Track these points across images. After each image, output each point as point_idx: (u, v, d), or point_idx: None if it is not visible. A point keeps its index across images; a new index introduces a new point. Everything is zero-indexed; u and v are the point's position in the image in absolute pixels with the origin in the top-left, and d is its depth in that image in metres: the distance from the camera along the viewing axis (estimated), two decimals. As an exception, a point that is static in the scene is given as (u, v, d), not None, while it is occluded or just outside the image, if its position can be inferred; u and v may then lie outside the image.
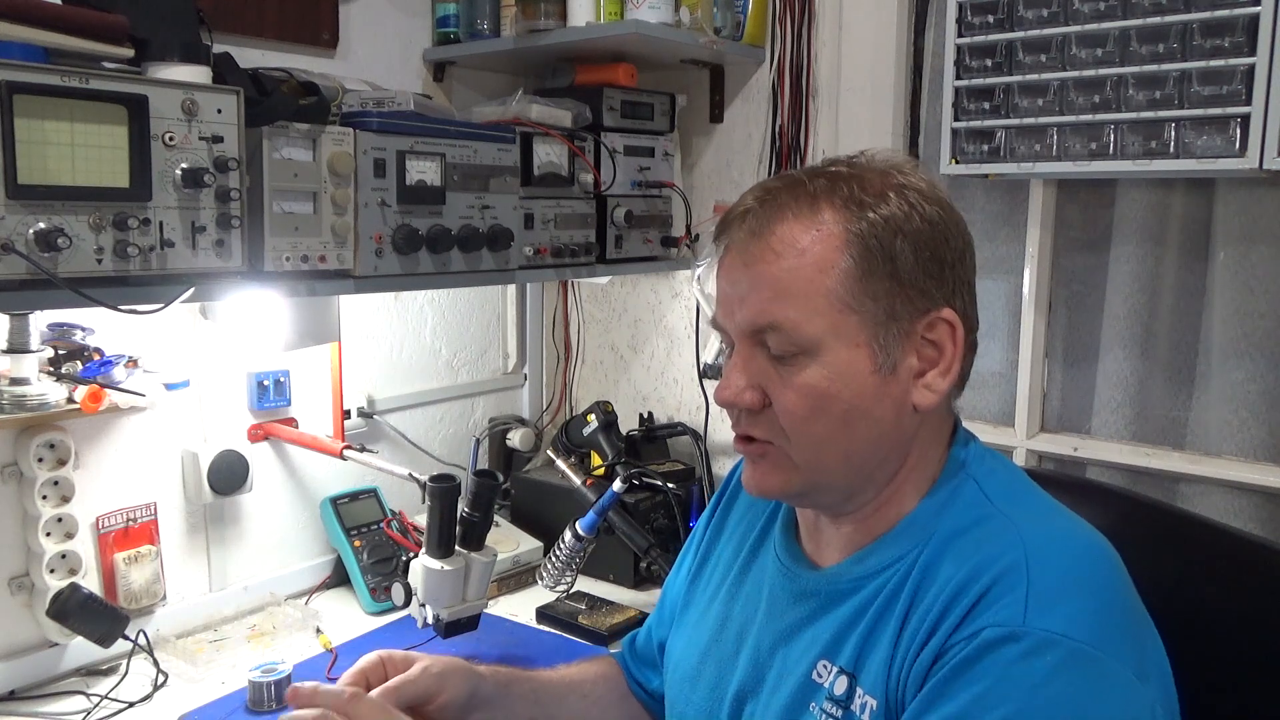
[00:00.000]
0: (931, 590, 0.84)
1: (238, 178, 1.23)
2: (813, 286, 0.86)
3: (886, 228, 0.86)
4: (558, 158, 1.74)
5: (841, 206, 0.87)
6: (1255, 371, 1.61)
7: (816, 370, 0.87)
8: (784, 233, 0.87)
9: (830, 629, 0.91)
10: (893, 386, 0.88)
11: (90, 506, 1.54)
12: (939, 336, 0.88)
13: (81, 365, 1.46)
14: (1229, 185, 1.61)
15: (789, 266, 0.87)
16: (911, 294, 0.87)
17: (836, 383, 0.86)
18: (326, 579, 1.89)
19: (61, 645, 1.51)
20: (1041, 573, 0.80)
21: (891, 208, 0.87)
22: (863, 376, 0.87)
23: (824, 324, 0.86)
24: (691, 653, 1.07)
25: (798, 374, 0.87)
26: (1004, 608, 0.78)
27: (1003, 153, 1.71)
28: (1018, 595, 0.78)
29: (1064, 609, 0.78)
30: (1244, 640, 0.99)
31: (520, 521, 2.02)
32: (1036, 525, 0.85)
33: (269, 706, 1.43)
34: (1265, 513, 1.62)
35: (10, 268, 1.06)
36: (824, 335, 0.86)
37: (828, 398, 0.87)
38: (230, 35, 1.58)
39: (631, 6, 1.77)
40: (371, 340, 1.97)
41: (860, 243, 0.86)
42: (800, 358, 0.87)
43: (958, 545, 0.85)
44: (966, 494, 0.90)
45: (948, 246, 0.89)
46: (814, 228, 0.87)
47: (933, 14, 1.88)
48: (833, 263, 0.86)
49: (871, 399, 0.87)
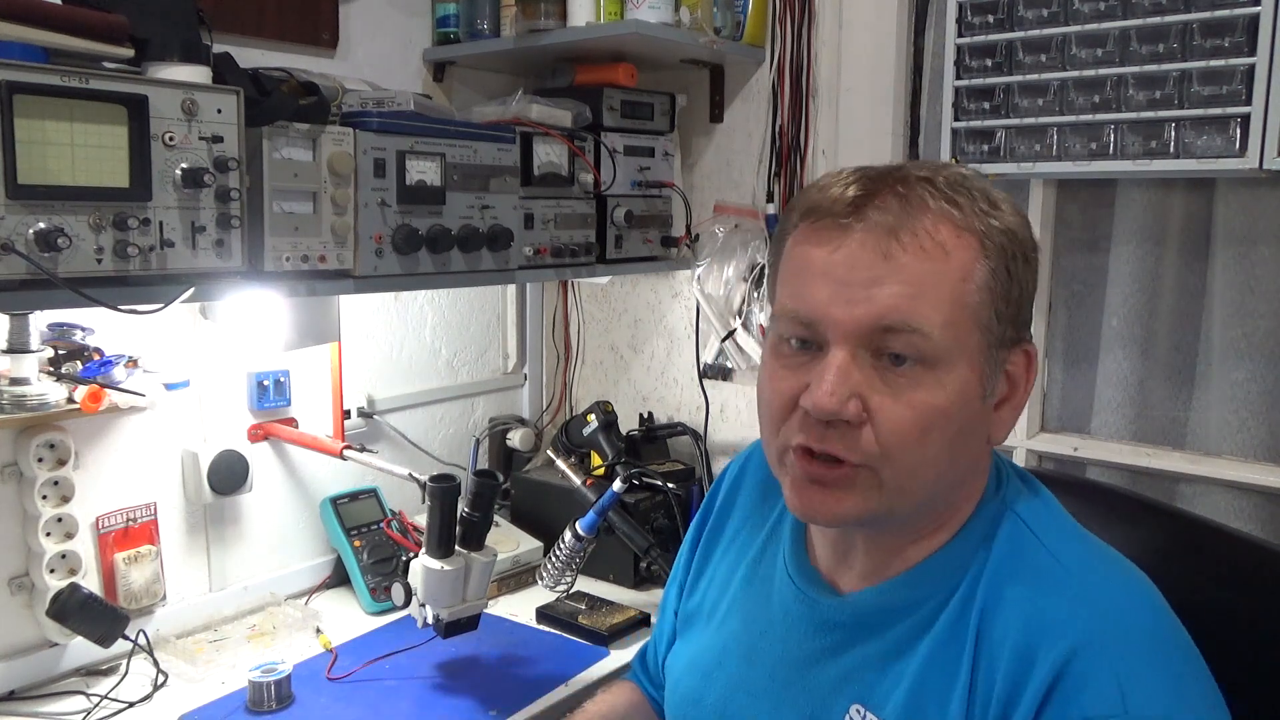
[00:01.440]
0: (994, 643, 0.79)
1: (238, 178, 1.23)
2: (954, 293, 0.78)
3: (1013, 243, 0.80)
4: (558, 158, 1.74)
5: (973, 211, 0.79)
6: (1255, 371, 1.61)
7: (938, 386, 0.78)
8: (931, 227, 0.78)
9: (862, 668, 0.86)
10: (986, 416, 0.83)
11: (90, 506, 1.54)
12: (1017, 369, 0.83)
13: (81, 365, 1.46)
14: (1229, 185, 1.61)
15: (936, 268, 0.78)
16: (1019, 319, 0.82)
17: (955, 403, 0.79)
18: (326, 579, 1.89)
19: (61, 645, 1.51)
20: (1124, 646, 0.75)
21: (1010, 220, 0.81)
22: (973, 401, 0.80)
23: (954, 335, 0.78)
24: (693, 674, 1.01)
25: (913, 388, 0.78)
26: (1098, 695, 0.73)
27: (1003, 153, 1.71)
28: (1107, 678, 0.73)
29: (1155, 686, 0.74)
30: (1245, 642, 0.98)
31: (520, 521, 2.02)
32: (1094, 577, 0.81)
33: (269, 706, 1.43)
34: (1265, 513, 1.62)
35: (10, 268, 1.06)
36: (951, 347, 0.78)
37: (945, 417, 0.79)
38: (230, 35, 1.58)
39: (631, 6, 1.77)
40: (371, 340, 1.97)
41: (998, 254, 0.79)
42: (920, 370, 0.78)
43: (1016, 594, 0.80)
44: (1009, 529, 0.84)
45: (1033, 270, 0.84)
46: (956, 228, 0.79)
47: (933, 14, 1.88)
48: (972, 271, 0.79)
49: (974, 425, 0.81)
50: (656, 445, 2.14)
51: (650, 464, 2.02)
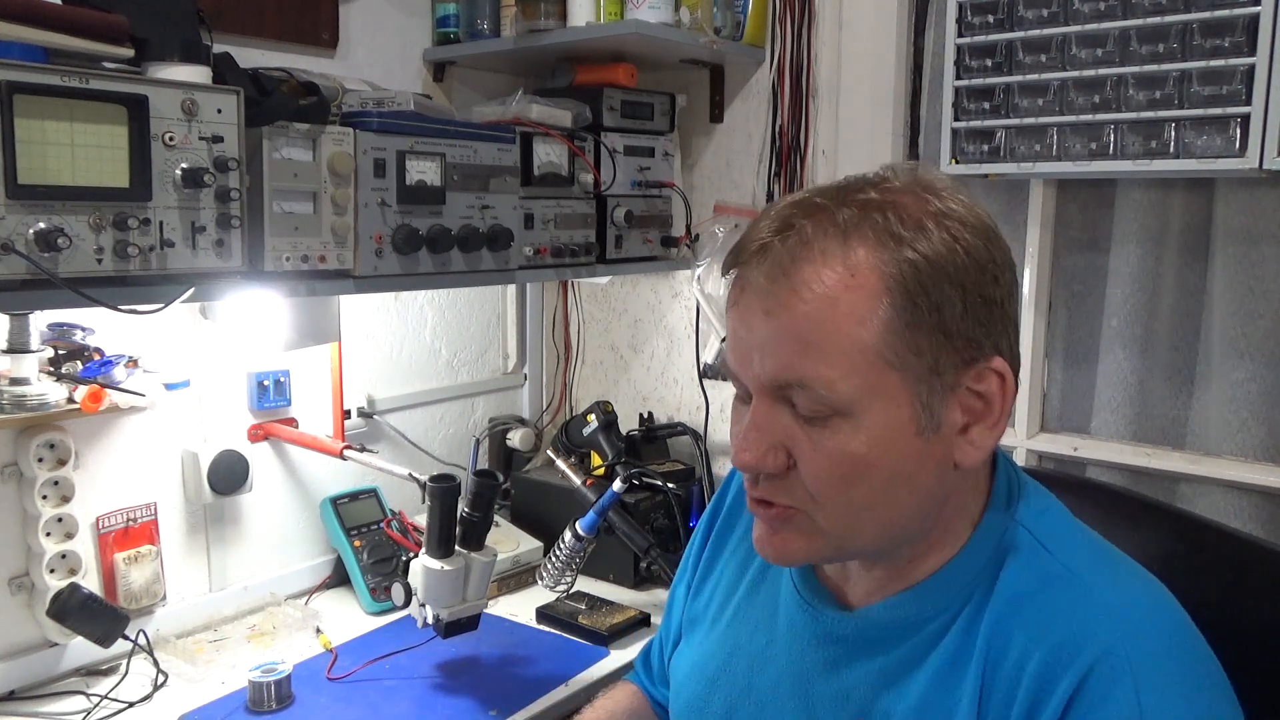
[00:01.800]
0: (1008, 662, 0.77)
1: (238, 178, 1.23)
2: (848, 341, 0.74)
3: (930, 270, 0.75)
4: (558, 158, 1.74)
5: (876, 243, 0.75)
6: (1255, 371, 1.61)
7: (852, 434, 0.76)
8: (811, 276, 0.75)
9: (864, 683, 0.85)
10: (936, 447, 0.78)
11: (90, 506, 1.54)
12: (987, 388, 0.78)
13: (81, 365, 1.46)
14: (1229, 185, 1.61)
15: (819, 318, 0.75)
16: (958, 344, 0.76)
17: (875, 448, 0.76)
18: (326, 579, 1.89)
19: (61, 645, 1.51)
20: (1143, 658, 0.74)
21: (934, 243, 0.75)
22: (905, 440, 0.77)
23: (860, 383, 0.75)
24: (697, 680, 1.00)
25: (830, 437, 0.76)
26: (1116, 707, 0.72)
27: (1003, 153, 1.71)
28: (1126, 689, 0.72)
29: (1174, 698, 0.73)
30: (1246, 642, 0.98)
31: (520, 521, 2.02)
32: (1113, 590, 0.78)
33: (269, 706, 1.43)
34: (1265, 513, 1.62)
35: (10, 268, 1.06)
36: (860, 395, 0.75)
37: (866, 464, 0.76)
38: (230, 35, 1.58)
39: (631, 6, 1.77)
40: (371, 340, 1.97)
41: (901, 288, 0.74)
42: (833, 419, 0.76)
43: (1029, 610, 0.78)
44: (1021, 543, 0.82)
45: (997, 285, 0.78)
46: (846, 271, 0.74)
47: (933, 14, 1.88)
48: (870, 313, 0.74)
49: (914, 463, 0.77)
50: (656, 445, 2.14)
51: (650, 464, 2.02)
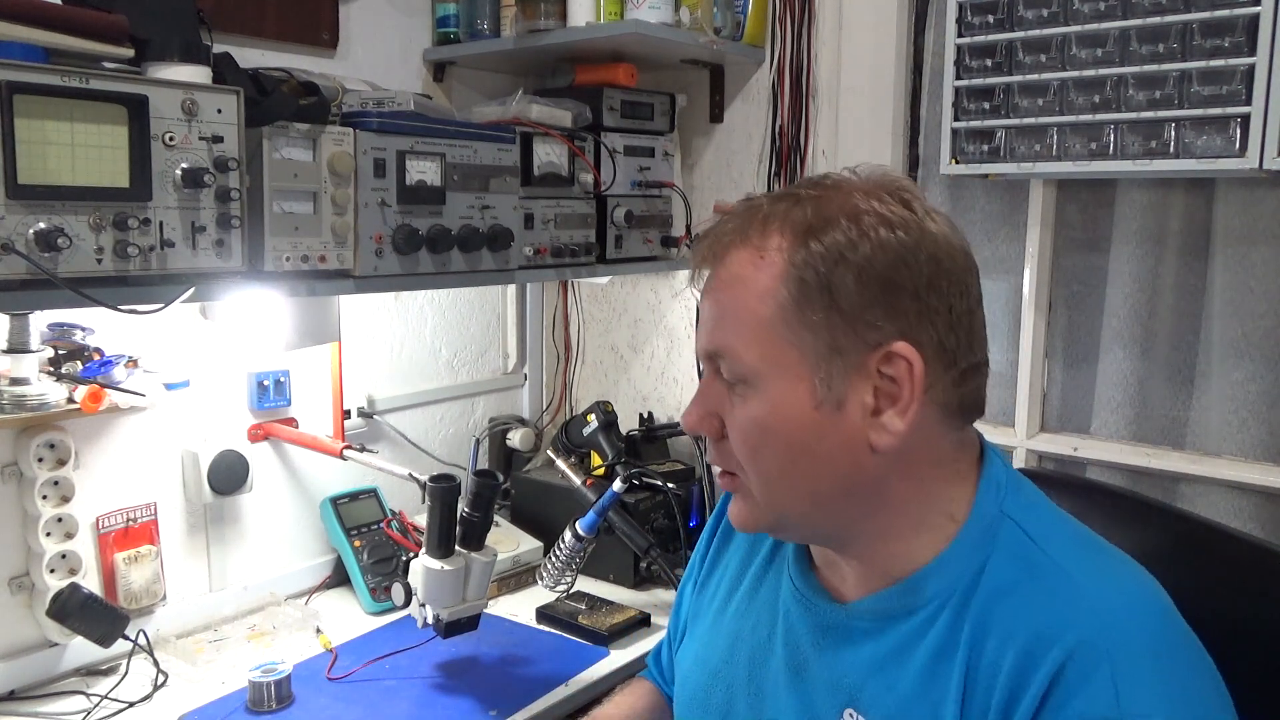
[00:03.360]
0: (988, 652, 0.79)
1: (238, 178, 1.23)
2: (752, 315, 0.83)
3: (827, 257, 0.81)
4: (558, 158, 1.74)
5: (790, 234, 0.83)
6: (1255, 371, 1.61)
7: (756, 402, 0.84)
8: (732, 260, 0.86)
9: (854, 672, 0.87)
10: (840, 424, 0.83)
11: (90, 506, 1.54)
12: (897, 372, 0.82)
13: (81, 365, 1.46)
14: (1229, 185, 1.61)
15: (733, 295, 0.85)
16: (857, 326, 0.81)
17: (775, 417, 0.83)
18: (326, 579, 1.89)
19: (61, 645, 1.51)
20: (1118, 646, 0.75)
21: (836, 235, 0.82)
22: (803, 412, 0.82)
23: (761, 355, 0.83)
24: (700, 672, 1.02)
25: (742, 405, 0.85)
26: (1094, 696, 0.73)
27: (1003, 153, 1.71)
28: (1103, 678, 0.74)
29: (1152, 688, 0.74)
30: (1247, 643, 0.98)
31: (520, 521, 2.02)
32: (1095, 581, 0.80)
33: (269, 706, 1.43)
34: (1265, 513, 1.62)
35: (10, 268, 1.06)
36: (762, 366, 0.83)
37: (768, 431, 0.84)
38: (230, 35, 1.58)
39: (631, 6, 1.77)
40: (371, 340, 1.97)
41: (797, 274, 0.82)
42: (744, 388, 0.85)
43: (1012, 600, 0.80)
44: (1008, 537, 0.84)
45: (906, 272, 0.82)
46: (759, 255, 0.84)
47: (933, 14, 1.88)
48: (771, 292, 0.83)
49: (813, 436, 0.83)
50: (656, 445, 2.14)
51: (650, 464, 2.02)
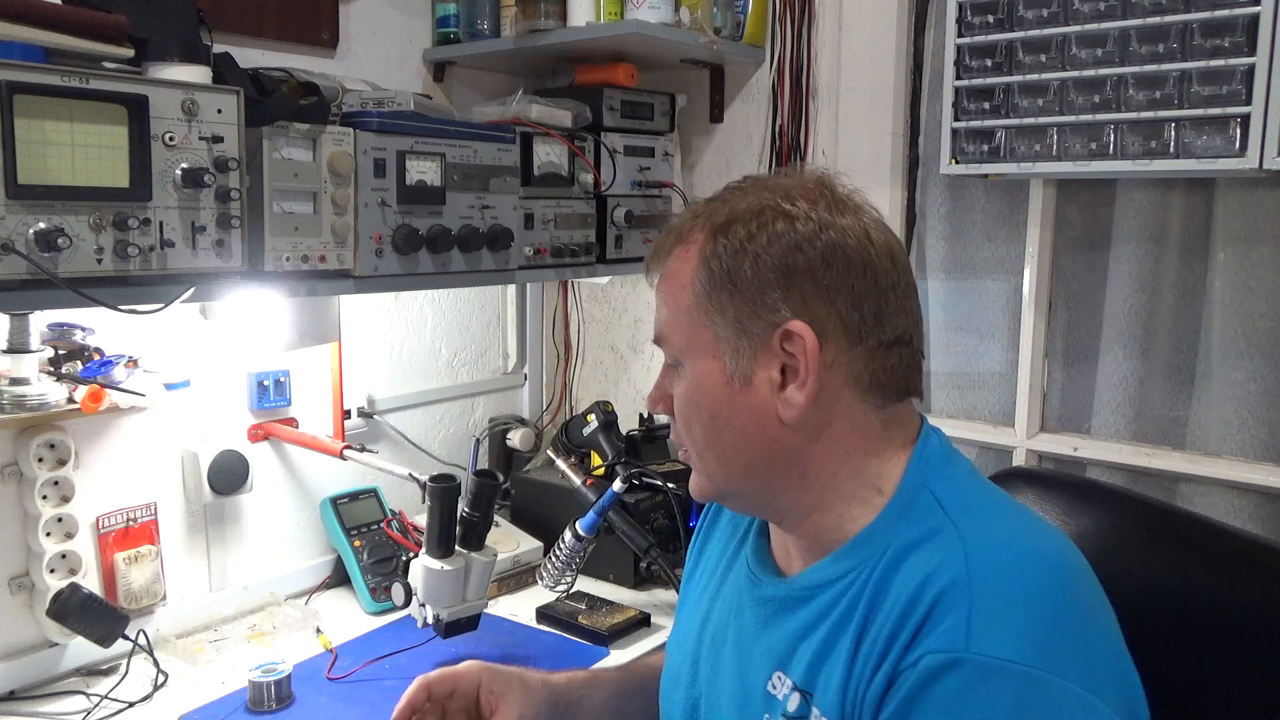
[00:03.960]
0: (884, 608, 0.82)
1: (238, 178, 1.23)
2: (678, 303, 0.94)
3: (729, 248, 0.91)
4: (558, 158, 1.74)
5: (708, 230, 0.93)
6: (1255, 371, 1.61)
7: (685, 381, 0.94)
8: (670, 255, 0.96)
9: (785, 639, 0.91)
10: (750, 398, 0.90)
11: (90, 506, 1.54)
12: (796, 349, 0.88)
13: (81, 365, 1.46)
14: (1229, 185, 1.61)
15: (667, 286, 0.96)
16: (757, 307, 0.89)
17: (696, 392, 0.93)
18: (326, 579, 1.89)
19: (61, 645, 1.51)
20: (984, 589, 0.78)
21: (739, 229, 0.91)
22: (717, 387, 0.91)
23: (685, 337, 0.93)
24: (677, 653, 1.09)
25: (678, 384, 0.95)
26: (946, 631, 0.77)
27: (1003, 153, 1.71)
28: (959, 616, 0.77)
29: (1007, 629, 0.76)
30: (1248, 640, 0.98)
31: (520, 521, 2.02)
32: (982, 535, 0.83)
33: (269, 706, 1.43)
34: (1265, 513, 1.62)
35: (10, 268, 1.06)
36: (686, 347, 0.93)
37: (692, 406, 0.93)
38: (230, 35, 1.58)
39: (631, 6, 1.77)
40: (371, 340, 1.97)
41: (706, 264, 0.92)
42: (679, 368, 0.95)
43: (909, 561, 0.83)
44: (921, 505, 0.88)
45: (801, 257, 0.88)
46: (685, 250, 0.94)
47: (933, 14, 1.88)
48: (690, 281, 0.92)
49: (728, 409, 0.91)
50: (656, 445, 2.14)
51: (650, 464, 2.02)
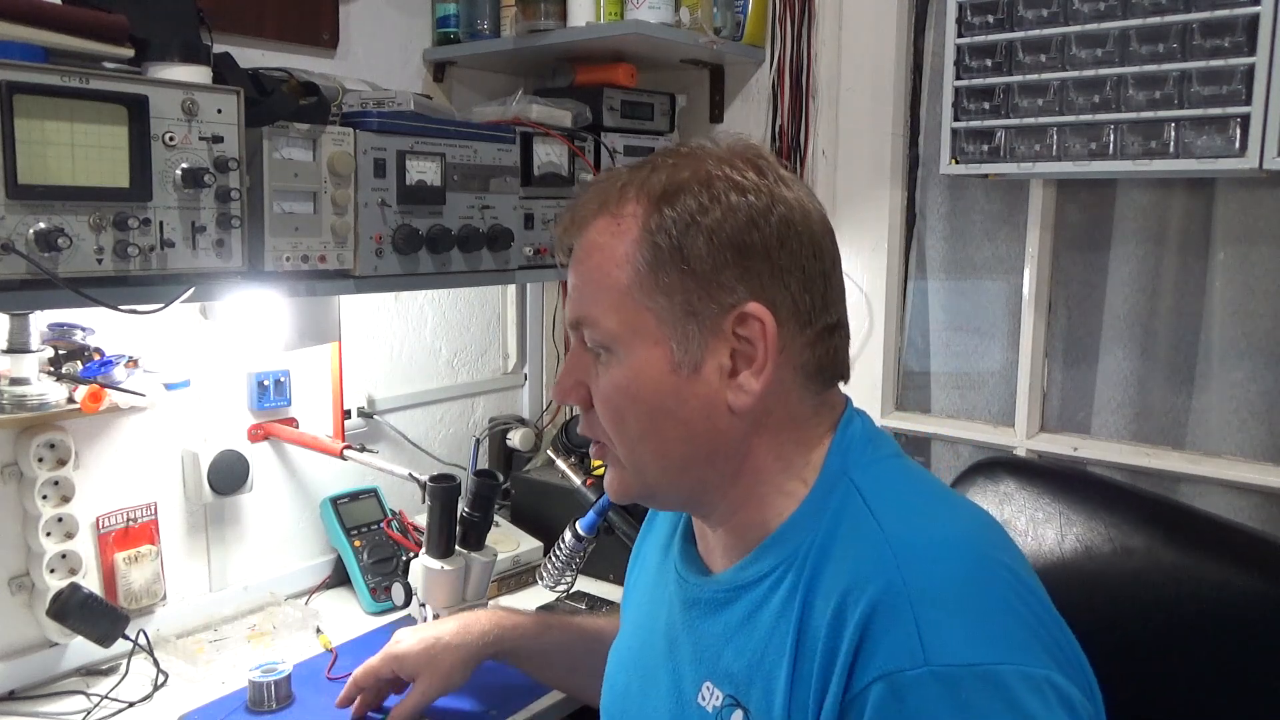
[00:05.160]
0: (815, 613, 0.78)
1: (238, 178, 1.23)
2: (610, 282, 0.85)
3: (679, 221, 0.83)
4: (558, 158, 1.74)
5: (645, 198, 0.85)
6: (1255, 371, 1.61)
7: (619, 369, 0.85)
8: (591, 228, 0.87)
9: (711, 644, 0.87)
10: (698, 386, 0.84)
11: (90, 506, 1.54)
12: (750, 333, 0.83)
13: (81, 365, 1.46)
14: (1229, 185, 1.61)
15: (593, 263, 0.86)
16: (710, 288, 0.82)
17: (635, 382, 0.84)
18: (326, 579, 1.89)
19: (61, 645, 1.51)
20: (923, 593, 0.74)
21: (688, 200, 0.83)
22: (661, 376, 0.84)
23: (620, 320, 0.84)
24: (615, 664, 1.05)
25: (607, 372, 0.86)
26: (898, 645, 0.72)
27: (1003, 153, 1.71)
28: (907, 628, 0.72)
29: (959, 631, 0.72)
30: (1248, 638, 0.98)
31: (520, 521, 2.02)
32: (905, 529, 0.79)
33: (269, 706, 1.43)
34: (1265, 513, 1.62)
35: (10, 268, 1.06)
36: (622, 332, 0.84)
37: (629, 397, 0.85)
38: (230, 35, 1.58)
39: (631, 6, 1.77)
40: (371, 340, 1.97)
41: (650, 239, 0.83)
42: (607, 355, 0.86)
43: (833, 561, 0.79)
44: (841, 496, 0.84)
45: (757, 234, 0.83)
46: (616, 223, 0.85)
47: (933, 14, 1.88)
48: (627, 258, 0.84)
49: (673, 399, 0.84)
50: (656, 445, 2.14)
51: (650, 464, 2.02)
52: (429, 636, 1.33)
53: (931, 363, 1.96)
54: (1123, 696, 0.89)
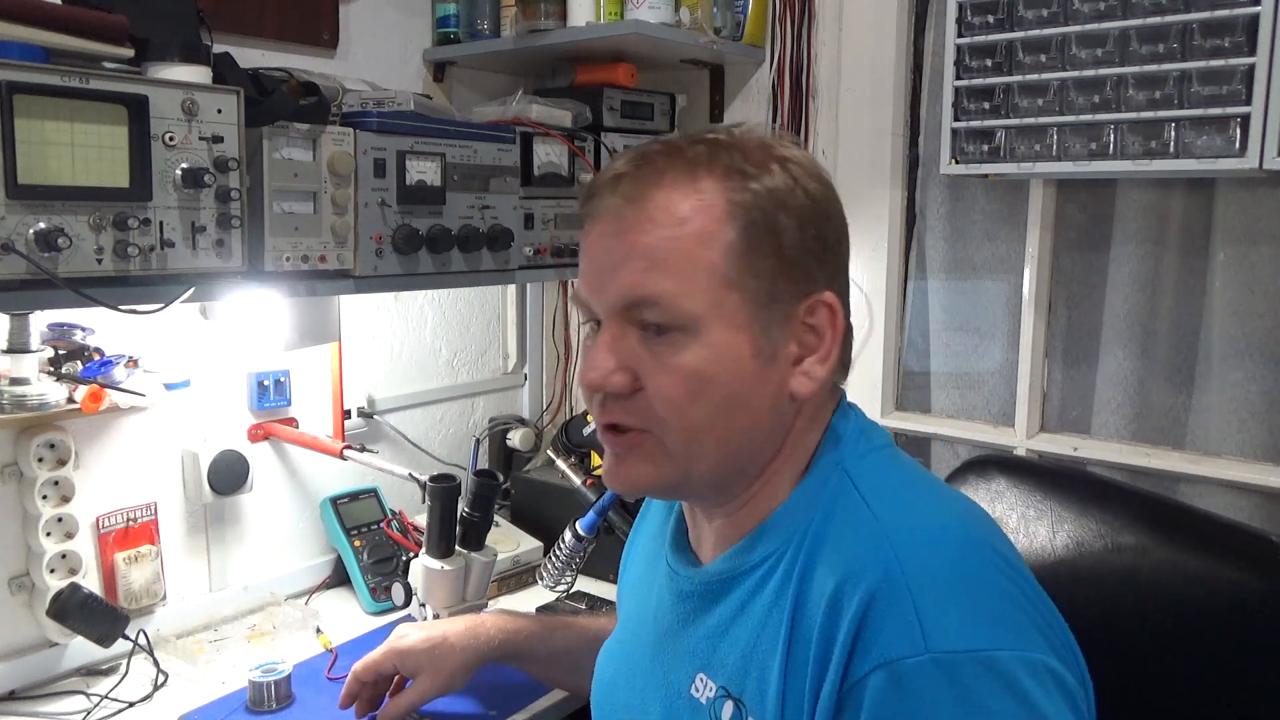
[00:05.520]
0: (810, 603, 0.77)
1: (238, 178, 1.23)
2: (694, 259, 0.79)
3: (771, 199, 0.80)
4: (558, 158, 1.74)
5: (723, 175, 0.80)
6: (1255, 371, 1.61)
7: (696, 351, 0.79)
8: (662, 200, 0.80)
9: (705, 636, 0.86)
10: (772, 373, 0.82)
11: (90, 506, 1.54)
12: (819, 321, 0.83)
13: (81, 365, 1.46)
14: (1229, 185, 1.61)
15: (668, 236, 0.80)
16: (795, 274, 0.81)
17: (716, 365, 0.80)
18: (326, 579, 1.89)
19: (61, 645, 1.51)
20: (921, 578, 0.74)
21: (775, 179, 0.81)
22: (743, 361, 0.80)
23: (705, 301, 0.79)
24: (605, 653, 1.05)
25: (675, 354, 0.80)
26: (897, 633, 0.72)
27: (1003, 153, 1.71)
28: (907, 616, 0.72)
29: (956, 618, 0.72)
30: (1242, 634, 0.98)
31: (520, 521, 2.02)
32: (898, 518, 0.79)
33: (269, 706, 1.43)
34: (1265, 513, 1.62)
35: (10, 268, 1.06)
36: (705, 313, 0.79)
37: (707, 381, 0.80)
38: (230, 35, 1.58)
39: (631, 6, 1.77)
40: (371, 340, 1.97)
41: (745, 215, 0.79)
42: (677, 336, 0.80)
43: (827, 550, 0.79)
44: (835, 486, 0.83)
45: (830, 225, 0.83)
46: (694, 196, 0.80)
47: (933, 14, 1.88)
48: (715, 235, 0.79)
49: (750, 386, 0.81)
50: (656, 445, 2.14)
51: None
52: (435, 635, 1.32)
53: (931, 363, 1.96)
54: (1114, 693, 0.89)
